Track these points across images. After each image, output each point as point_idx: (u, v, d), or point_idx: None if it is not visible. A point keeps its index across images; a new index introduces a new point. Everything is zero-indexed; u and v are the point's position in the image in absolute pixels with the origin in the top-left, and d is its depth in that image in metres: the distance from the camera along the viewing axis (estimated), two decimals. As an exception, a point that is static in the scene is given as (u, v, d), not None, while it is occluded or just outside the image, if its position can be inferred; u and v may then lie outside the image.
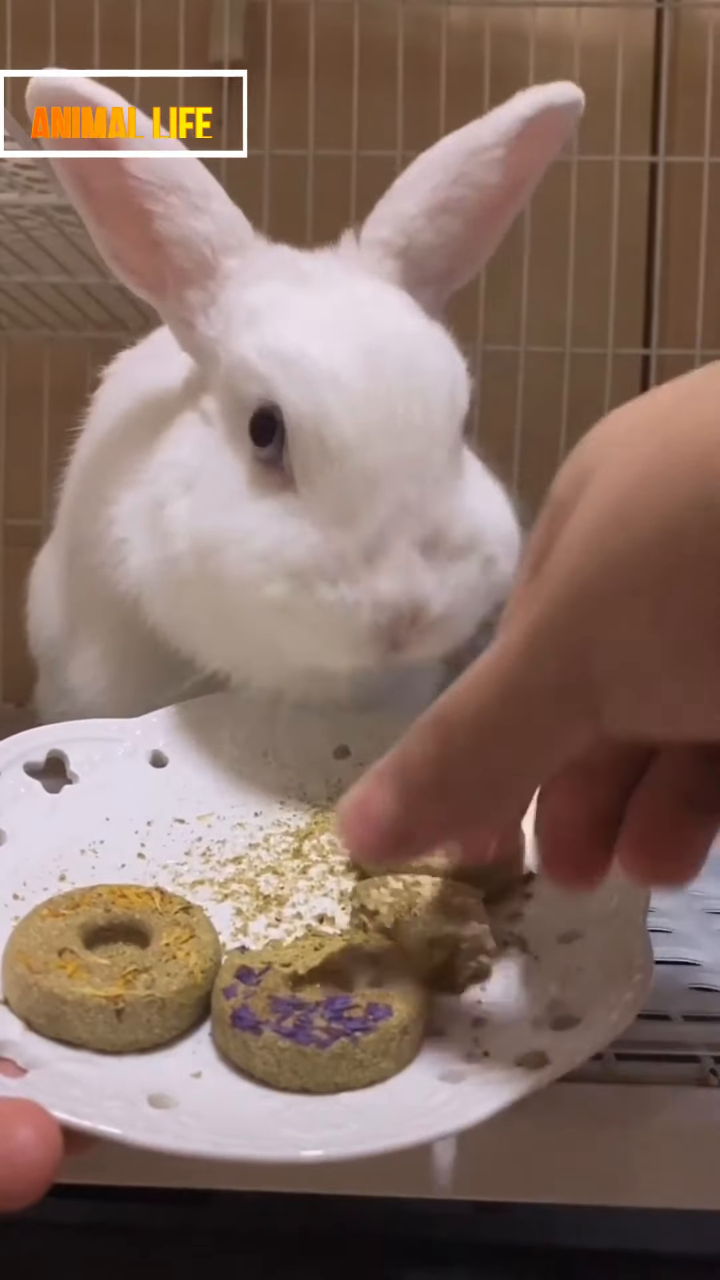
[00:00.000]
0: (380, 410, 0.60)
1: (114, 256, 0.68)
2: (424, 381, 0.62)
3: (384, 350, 0.62)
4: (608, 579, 0.36)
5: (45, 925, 0.49)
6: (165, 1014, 0.47)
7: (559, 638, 0.37)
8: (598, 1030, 0.46)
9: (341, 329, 0.63)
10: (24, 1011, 0.47)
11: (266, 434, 0.62)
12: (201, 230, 0.66)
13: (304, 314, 0.64)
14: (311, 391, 0.60)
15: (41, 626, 0.95)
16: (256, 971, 0.49)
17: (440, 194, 0.70)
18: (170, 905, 0.52)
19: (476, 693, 0.40)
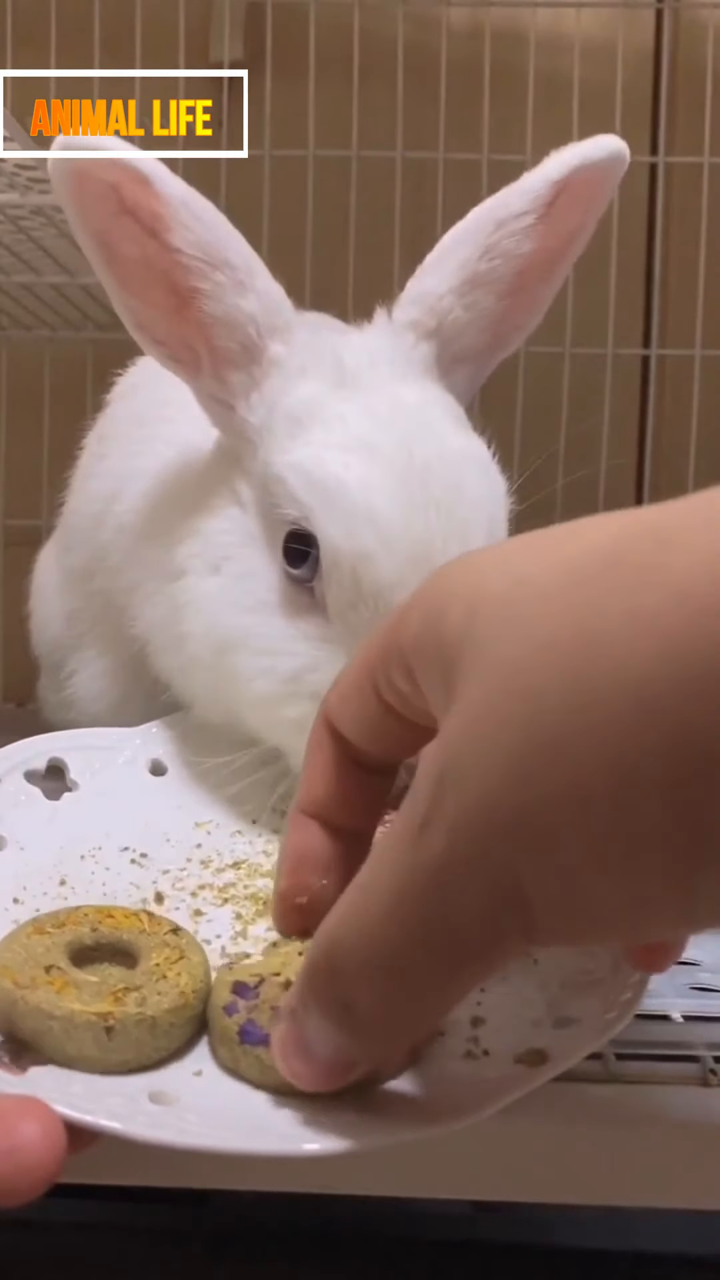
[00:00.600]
0: (418, 550, 0.58)
1: (139, 326, 0.65)
2: (464, 515, 0.60)
3: (424, 481, 0.59)
4: (542, 814, 0.33)
5: (31, 942, 0.48)
6: (156, 1033, 0.46)
7: (480, 871, 0.35)
8: (597, 1029, 0.46)
9: (381, 451, 0.60)
10: (6, 1028, 0.46)
11: (300, 556, 0.61)
12: (247, 310, 0.63)
13: (344, 428, 0.62)
14: (349, 529, 0.58)
15: (44, 627, 0.95)
16: (252, 985, 0.49)
17: (469, 269, 0.66)
18: (159, 927, 0.51)
19: (377, 931, 0.38)
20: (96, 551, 0.78)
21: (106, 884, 0.58)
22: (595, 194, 0.68)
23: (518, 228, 0.66)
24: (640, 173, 1.32)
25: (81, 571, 0.82)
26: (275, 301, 0.64)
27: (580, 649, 0.33)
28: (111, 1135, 0.42)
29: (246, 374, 0.65)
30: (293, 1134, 0.42)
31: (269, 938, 0.55)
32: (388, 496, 0.59)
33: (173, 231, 0.61)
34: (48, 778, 0.64)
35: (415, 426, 0.62)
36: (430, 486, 0.59)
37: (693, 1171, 0.49)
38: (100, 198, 0.60)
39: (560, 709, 0.33)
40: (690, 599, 0.31)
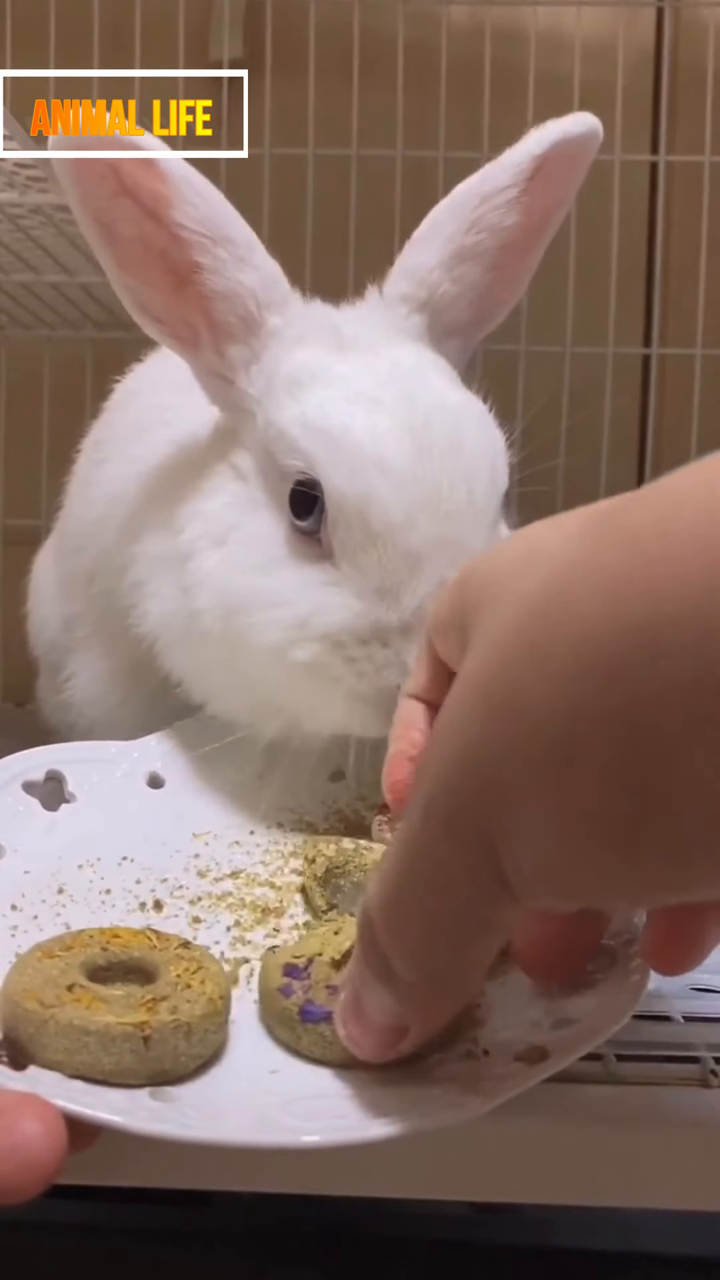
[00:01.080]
0: (425, 491, 0.60)
1: (138, 305, 0.66)
2: (468, 462, 0.61)
3: (428, 428, 0.61)
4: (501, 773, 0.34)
5: (44, 965, 0.48)
6: (191, 1040, 0.45)
7: (458, 837, 0.36)
8: (596, 1028, 0.47)
9: (384, 403, 0.62)
10: (34, 1050, 0.45)
11: (305, 507, 0.62)
12: (247, 284, 0.65)
13: (346, 385, 0.63)
14: (356, 472, 0.60)
15: (43, 627, 0.95)
16: (302, 966, 0.50)
17: (456, 242, 0.68)
18: (168, 943, 0.51)
19: (393, 895, 0.40)
20: (99, 555, 0.78)
21: (104, 893, 0.59)
22: (573, 169, 0.70)
23: (501, 201, 0.68)
24: (640, 172, 1.32)
25: (83, 576, 0.82)
26: (273, 276, 0.66)
27: (545, 607, 0.34)
28: (113, 1130, 0.42)
29: (246, 346, 0.66)
30: (292, 1128, 0.42)
31: (267, 944, 0.55)
32: (393, 441, 0.60)
33: (175, 208, 0.62)
34: (46, 788, 0.64)
35: (415, 382, 0.63)
36: (433, 433, 0.61)
37: (693, 1172, 0.49)
38: (100, 178, 0.61)
39: (520, 665, 0.34)
40: (640, 548, 0.32)
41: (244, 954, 0.55)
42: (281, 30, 1.26)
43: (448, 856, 0.37)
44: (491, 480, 0.63)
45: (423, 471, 0.60)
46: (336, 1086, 0.46)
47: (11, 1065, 0.45)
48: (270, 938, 0.56)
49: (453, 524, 0.60)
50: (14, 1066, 0.44)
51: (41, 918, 0.56)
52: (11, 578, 1.04)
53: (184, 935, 0.54)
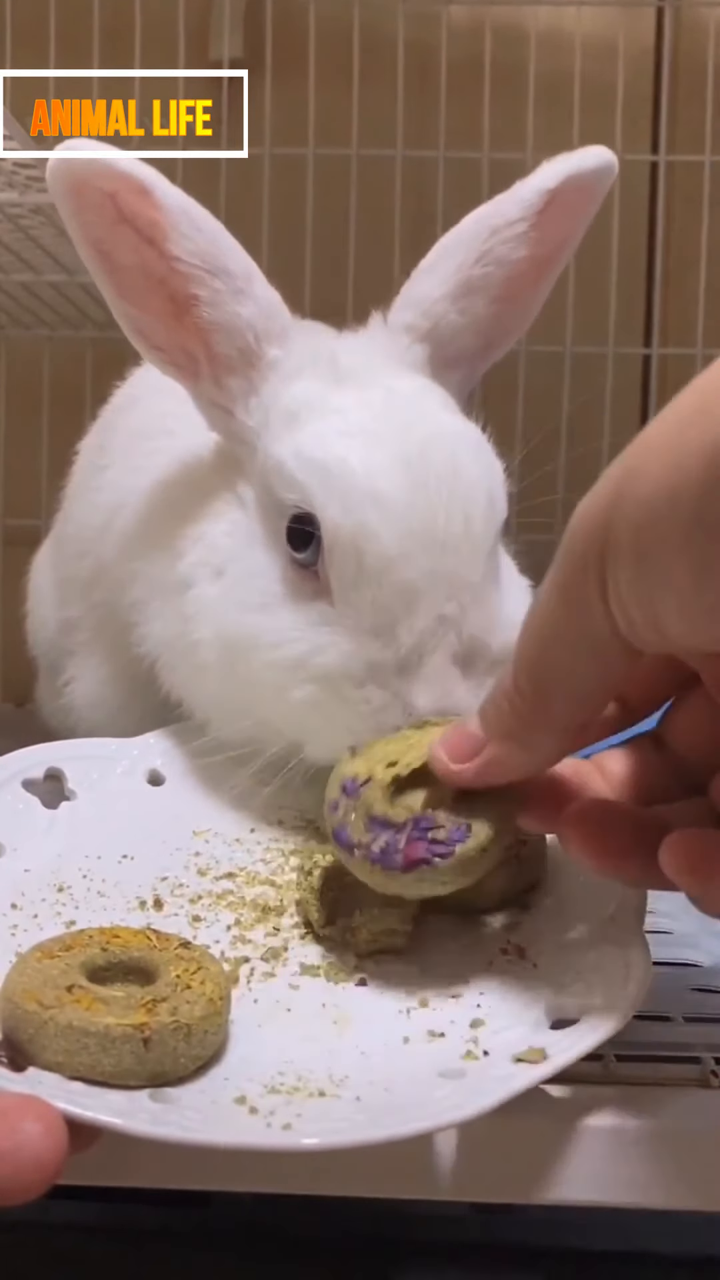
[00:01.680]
0: (420, 524, 0.59)
1: (138, 333, 0.65)
2: (465, 492, 0.60)
3: (424, 459, 0.60)
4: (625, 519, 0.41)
5: (43, 966, 0.48)
6: (191, 1041, 0.46)
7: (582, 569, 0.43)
8: (596, 1029, 0.47)
9: (380, 435, 0.61)
10: (34, 1051, 0.45)
11: (303, 541, 0.61)
12: (245, 316, 0.64)
13: (342, 418, 0.62)
14: (350, 506, 0.59)
15: (41, 627, 0.95)
16: (359, 782, 0.53)
17: (463, 274, 0.68)
18: (168, 943, 0.51)
19: (531, 615, 0.47)
20: (99, 565, 0.78)
21: (104, 891, 0.59)
22: (585, 203, 0.70)
23: (511, 235, 0.68)
24: (641, 171, 1.32)
25: (82, 582, 0.81)
26: (273, 308, 0.65)
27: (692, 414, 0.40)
28: (113, 1132, 0.42)
29: (245, 379, 0.66)
30: (292, 1130, 0.42)
31: (268, 944, 0.55)
32: (388, 474, 0.59)
33: (171, 240, 0.62)
34: (46, 786, 0.64)
35: (411, 412, 0.63)
36: (429, 464, 0.60)
37: (693, 1172, 0.49)
38: (98, 207, 0.61)
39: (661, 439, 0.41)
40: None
41: (244, 953, 0.55)
42: (281, 30, 1.26)
43: (578, 587, 0.43)
44: (489, 510, 0.62)
45: (418, 504, 0.59)
46: (337, 1088, 0.46)
47: (11, 1067, 0.45)
48: (270, 936, 0.56)
49: (449, 557, 0.59)
50: (14, 1068, 0.45)
51: (41, 916, 0.56)
52: (11, 578, 1.04)
53: (184, 934, 0.54)
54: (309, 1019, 0.51)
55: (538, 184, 0.68)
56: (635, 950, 0.51)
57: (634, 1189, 0.49)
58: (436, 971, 0.54)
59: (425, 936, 0.57)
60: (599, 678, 0.46)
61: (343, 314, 0.96)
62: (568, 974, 0.52)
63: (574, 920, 0.56)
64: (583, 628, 0.44)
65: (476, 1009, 0.51)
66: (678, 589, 0.40)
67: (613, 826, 0.49)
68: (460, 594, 0.59)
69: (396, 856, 0.51)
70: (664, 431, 0.41)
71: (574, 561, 0.43)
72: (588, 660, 0.45)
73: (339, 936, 0.55)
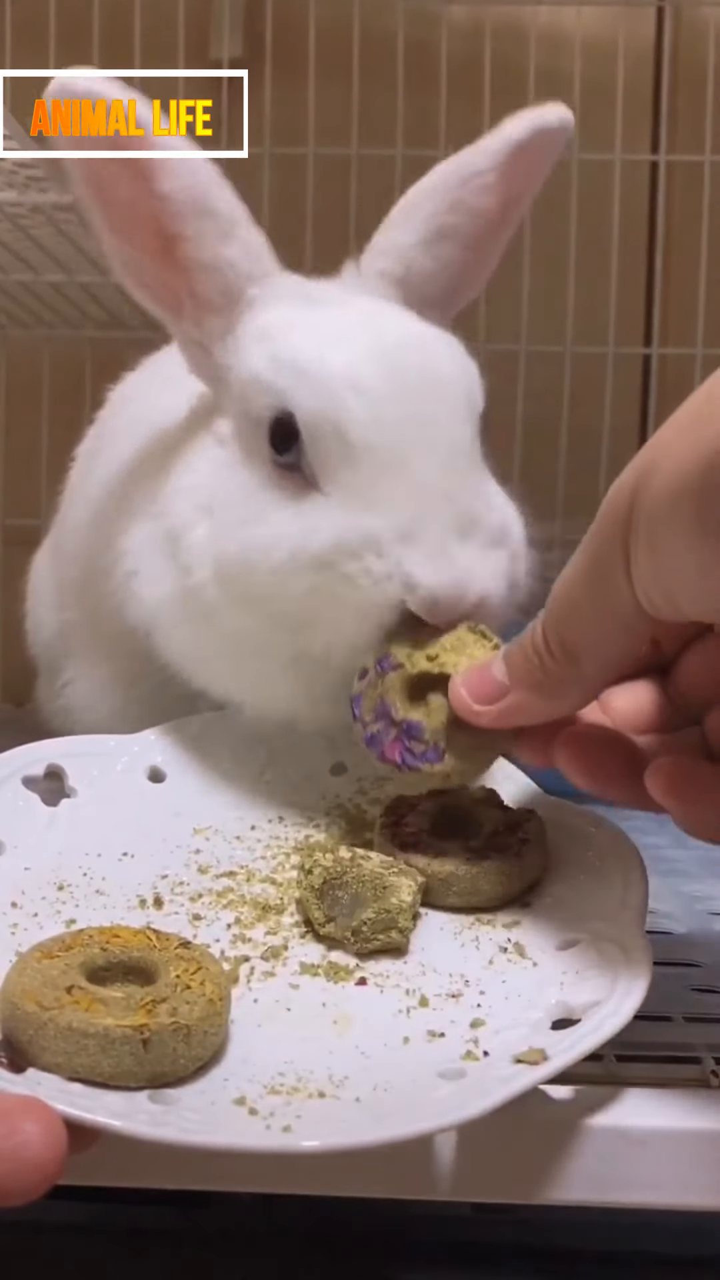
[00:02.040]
0: (400, 404, 0.60)
1: (126, 266, 0.67)
2: (441, 378, 0.62)
3: (399, 352, 0.62)
4: (646, 504, 0.44)
5: (43, 966, 0.48)
6: (190, 1042, 0.46)
7: (604, 548, 0.47)
8: (597, 1030, 0.47)
9: (354, 338, 0.62)
10: (34, 1052, 0.45)
11: (285, 444, 0.62)
12: (230, 258, 0.65)
13: (316, 328, 0.64)
14: (328, 393, 0.60)
15: (40, 628, 0.95)
16: (392, 664, 0.58)
17: (435, 221, 0.71)
18: (168, 943, 0.51)
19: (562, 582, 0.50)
20: (89, 560, 0.78)
21: (104, 889, 0.58)
22: (544, 157, 0.73)
23: (480, 184, 0.71)
24: (641, 171, 1.32)
25: (77, 584, 0.81)
26: (257, 249, 0.67)
27: (696, 418, 0.43)
28: (112, 1134, 0.42)
29: (224, 319, 0.67)
30: (292, 1131, 0.42)
31: (267, 942, 0.55)
32: (363, 364, 0.60)
33: (159, 178, 0.63)
34: (46, 783, 0.64)
35: (384, 320, 0.66)
36: (405, 358, 0.62)
37: (694, 1172, 0.49)
38: (94, 139, 0.62)
39: (673, 437, 0.44)
40: None
41: (244, 952, 0.55)
42: (281, 30, 1.26)
43: (606, 563, 0.47)
44: (468, 397, 0.63)
45: (396, 387, 0.60)
46: (337, 1089, 0.46)
47: (11, 1068, 0.45)
48: (270, 935, 0.56)
49: (432, 431, 0.60)
50: (13, 1069, 0.45)
51: (41, 915, 0.56)
52: (11, 578, 1.04)
53: (184, 933, 0.54)
54: (309, 1019, 0.51)
55: (505, 136, 0.71)
56: (636, 950, 0.51)
57: (634, 1189, 0.49)
58: (436, 970, 0.54)
59: (425, 935, 0.57)
60: (624, 642, 0.50)
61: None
62: (568, 974, 0.52)
63: (574, 920, 0.56)
64: (609, 598, 0.47)
65: (476, 1009, 0.51)
66: (685, 579, 0.44)
67: (605, 750, 0.54)
68: (450, 467, 0.60)
69: (377, 749, 0.58)
70: (676, 431, 0.45)
71: (603, 538, 0.47)
72: (613, 627, 0.49)
73: (339, 935, 0.55)
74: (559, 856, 0.61)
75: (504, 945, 0.55)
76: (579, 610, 0.49)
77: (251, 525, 0.62)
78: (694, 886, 0.76)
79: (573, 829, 0.62)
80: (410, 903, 0.55)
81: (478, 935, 0.57)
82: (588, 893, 0.57)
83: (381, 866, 0.57)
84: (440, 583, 0.58)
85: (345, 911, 0.55)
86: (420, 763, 0.57)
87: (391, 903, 0.55)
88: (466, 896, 0.58)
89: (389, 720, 0.58)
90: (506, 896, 0.58)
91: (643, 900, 0.55)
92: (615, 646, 0.50)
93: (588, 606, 0.49)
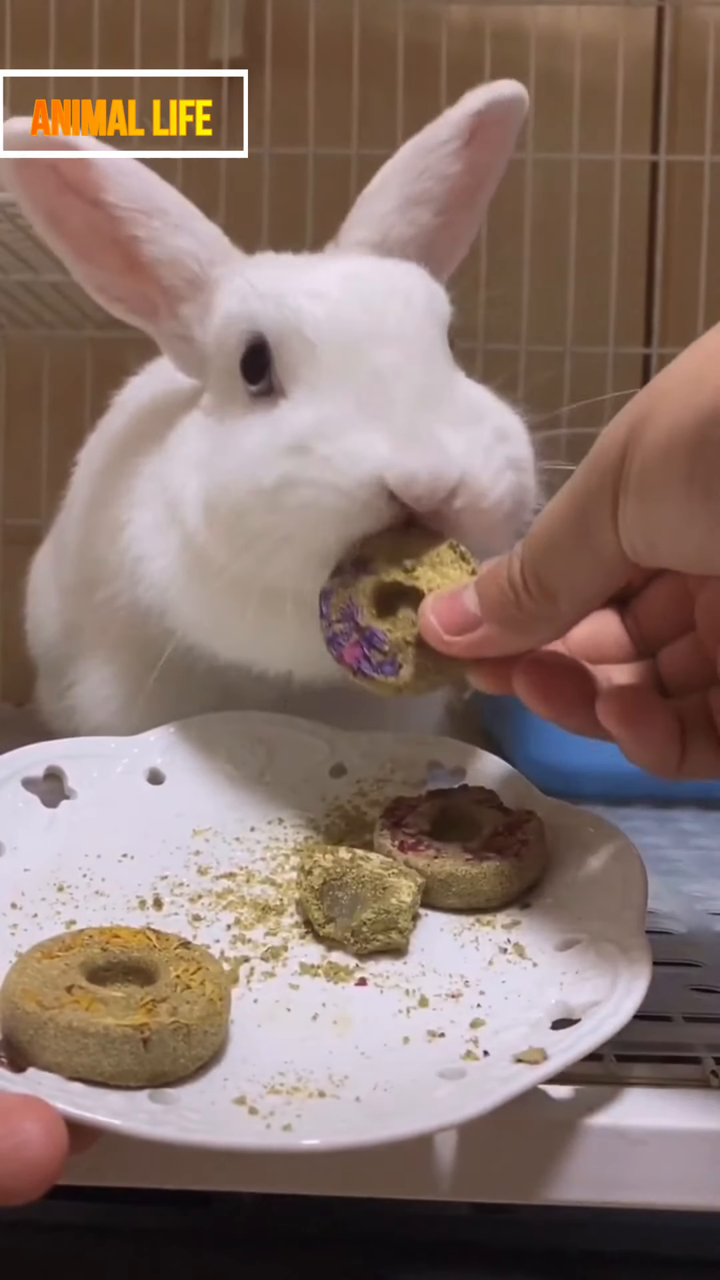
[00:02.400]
0: (358, 307, 0.62)
1: (99, 289, 0.71)
2: (401, 288, 0.64)
3: (360, 270, 0.66)
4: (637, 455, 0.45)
5: (43, 966, 0.48)
6: (190, 1041, 0.46)
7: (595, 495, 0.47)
8: (596, 1030, 0.47)
9: (320, 267, 0.67)
10: (34, 1052, 0.45)
11: (257, 369, 0.64)
12: (187, 247, 0.69)
13: (285, 267, 0.69)
14: (293, 308, 0.62)
15: (40, 628, 0.95)
16: (367, 569, 0.58)
17: (407, 189, 0.75)
18: (168, 943, 0.51)
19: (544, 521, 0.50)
20: (95, 561, 0.78)
21: (104, 890, 0.58)
22: (504, 133, 0.77)
23: (445, 152, 0.75)
24: (641, 171, 1.32)
25: (82, 586, 0.81)
26: (212, 237, 0.70)
27: (693, 376, 0.44)
28: (112, 1133, 0.42)
29: (196, 303, 0.70)
30: (292, 1130, 0.42)
31: (267, 943, 0.55)
32: (328, 281, 0.64)
33: (104, 189, 0.67)
34: (46, 784, 0.64)
35: (349, 259, 0.71)
36: (367, 274, 0.66)
37: (693, 1172, 0.49)
38: (42, 180, 0.67)
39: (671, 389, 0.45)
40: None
41: (244, 952, 0.55)
42: (281, 30, 1.26)
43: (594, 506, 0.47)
44: (429, 304, 0.64)
45: (354, 294, 0.63)
46: (337, 1088, 0.46)
47: (11, 1067, 0.45)
48: (270, 935, 0.56)
49: (391, 320, 0.62)
50: (13, 1069, 0.45)
51: (41, 916, 0.56)
52: (11, 578, 1.04)
53: (184, 933, 0.54)
54: (309, 1019, 0.51)
55: (463, 108, 0.76)
56: (635, 950, 0.51)
57: (634, 1189, 0.49)
58: (436, 971, 0.54)
59: (425, 936, 0.57)
60: (602, 584, 0.50)
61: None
62: (568, 974, 0.52)
63: (574, 920, 0.56)
64: (593, 541, 0.48)
65: (476, 1009, 0.51)
66: (671, 530, 0.45)
67: (563, 677, 0.55)
68: (409, 352, 0.61)
69: (337, 650, 0.59)
70: (674, 383, 0.45)
71: (592, 480, 0.47)
72: (594, 569, 0.49)
73: (339, 936, 0.55)
74: (558, 858, 0.61)
75: (503, 946, 0.55)
76: (561, 550, 0.50)
77: (232, 457, 0.63)
78: (694, 886, 0.76)
79: (572, 831, 0.62)
80: (410, 903, 0.55)
81: (477, 936, 0.57)
82: (587, 894, 0.57)
83: (381, 867, 0.57)
84: (416, 457, 0.57)
85: (345, 912, 0.55)
86: (375, 673, 0.58)
87: (391, 903, 0.55)
88: (466, 897, 0.58)
89: (354, 623, 0.59)
90: (506, 897, 0.58)
91: (642, 900, 0.55)
92: (593, 587, 0.51)
93: (570, 547, 0.49)
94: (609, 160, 1.26)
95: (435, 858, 0.59)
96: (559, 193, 1.25)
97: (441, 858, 0.59)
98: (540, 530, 0.51)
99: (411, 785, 0.68)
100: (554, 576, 0.51)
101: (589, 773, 0.80)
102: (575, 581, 0.50)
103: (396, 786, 0.68)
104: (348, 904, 0.55)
